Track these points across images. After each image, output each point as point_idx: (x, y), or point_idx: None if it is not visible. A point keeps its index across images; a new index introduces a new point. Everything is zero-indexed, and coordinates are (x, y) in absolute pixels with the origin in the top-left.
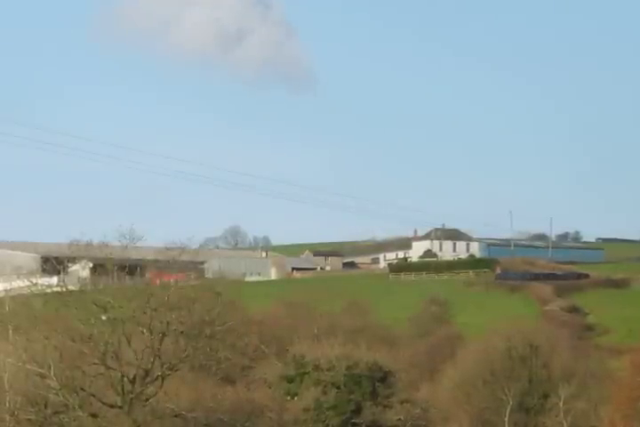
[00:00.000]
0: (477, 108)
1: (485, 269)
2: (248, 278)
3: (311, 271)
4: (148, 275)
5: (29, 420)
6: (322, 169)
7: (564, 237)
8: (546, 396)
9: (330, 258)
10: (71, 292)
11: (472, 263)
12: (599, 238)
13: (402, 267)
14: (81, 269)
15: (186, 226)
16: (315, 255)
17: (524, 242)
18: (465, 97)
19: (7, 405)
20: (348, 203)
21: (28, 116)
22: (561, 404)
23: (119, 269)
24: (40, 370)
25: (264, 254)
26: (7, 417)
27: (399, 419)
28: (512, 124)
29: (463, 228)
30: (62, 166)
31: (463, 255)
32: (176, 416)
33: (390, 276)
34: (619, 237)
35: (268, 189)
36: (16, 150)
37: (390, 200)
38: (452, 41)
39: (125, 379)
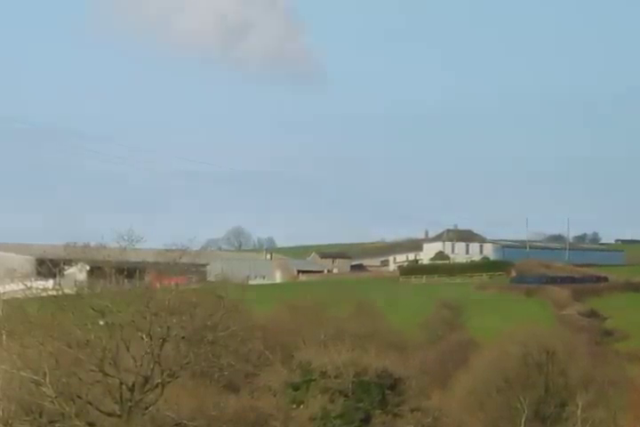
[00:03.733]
0: (491, 106)
1: (500, 272)
2: (252, 281)
3: (317, 274)
4: (147, 278)
5: None
6: (329, 168)
7: (582, 238)
8: (563, 404)
9: (337, 260)
10: (67, 296)
11: (486, 266)
12: (618, 240)
13: (412, 269)
14: (78, 272)
15: (187, 227)
16: (321, 257)
17: (539, 243)
18: (479, 95)
19: (0, 413)
20: (356, 203)
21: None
22: (579, 412)
23: (117, 272)
24: (35, 377)
25: (268, 256)
26: (0, 426)
27: None
28: (528, 123)
29: (476, 229)
30: (59, 165)
31: (476, 257)
32: (177, 425)
33: (400, 279)
34: (639, 238)
35: (273, 189)
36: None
37: (400, 200)
38: (466, 37)
39: (124, 386)
